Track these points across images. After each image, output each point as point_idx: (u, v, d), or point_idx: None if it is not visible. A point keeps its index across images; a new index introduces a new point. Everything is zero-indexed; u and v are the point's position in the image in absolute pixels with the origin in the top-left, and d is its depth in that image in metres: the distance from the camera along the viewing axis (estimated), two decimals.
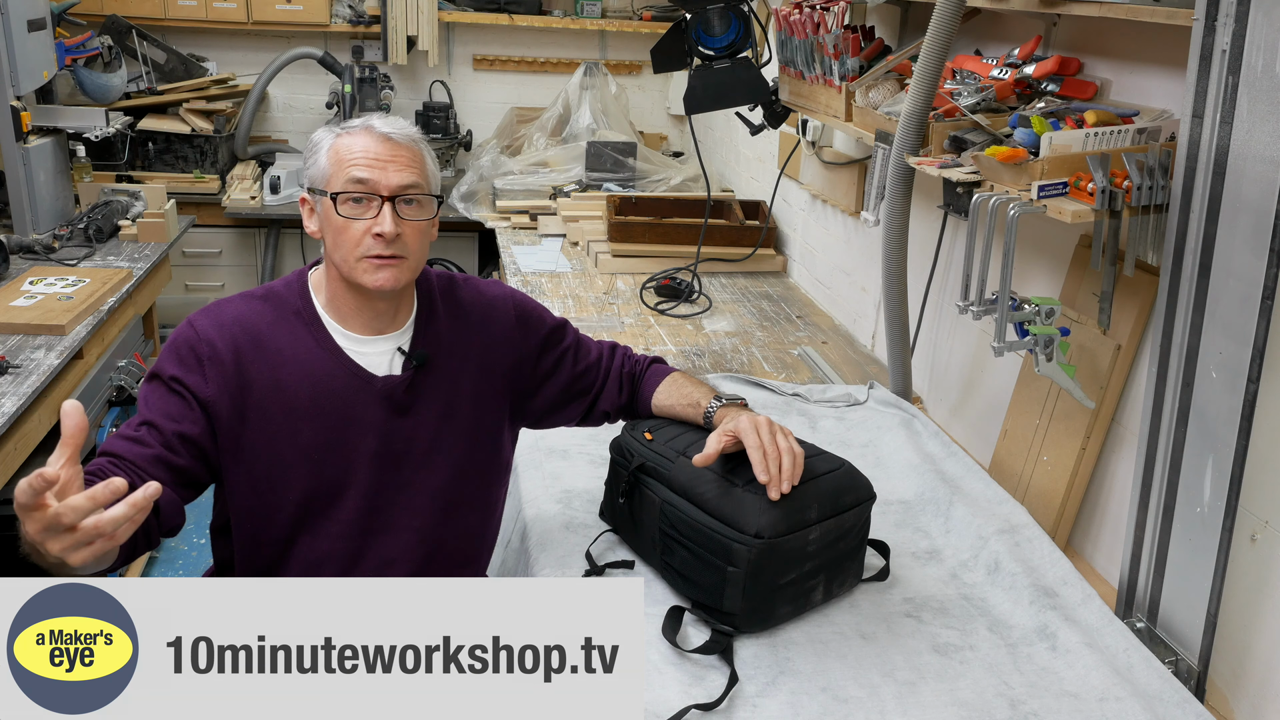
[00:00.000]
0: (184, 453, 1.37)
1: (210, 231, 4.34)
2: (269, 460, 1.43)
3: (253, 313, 1.46)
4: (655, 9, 4.85)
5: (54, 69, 3.37)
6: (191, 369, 1.40)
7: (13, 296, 2.71)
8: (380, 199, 1.39)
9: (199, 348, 1.41)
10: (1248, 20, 1.40)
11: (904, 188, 2.13)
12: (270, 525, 1.46)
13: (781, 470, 1.39)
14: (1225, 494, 1.50)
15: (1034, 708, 1.35)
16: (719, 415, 1.54)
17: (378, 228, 1.39)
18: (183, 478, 1.38)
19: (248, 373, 1.42)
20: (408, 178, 1.41)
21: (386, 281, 1.41)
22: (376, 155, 1.40)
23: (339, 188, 1.40)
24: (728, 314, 3.08)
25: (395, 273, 1.41)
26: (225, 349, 1.41)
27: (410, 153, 1.43)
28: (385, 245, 1.39)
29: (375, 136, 1.42)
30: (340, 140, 1.43)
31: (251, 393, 1.42)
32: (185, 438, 1.38)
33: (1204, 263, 1.51)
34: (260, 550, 1.47)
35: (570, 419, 1.69)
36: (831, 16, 2.50)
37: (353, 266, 1.41)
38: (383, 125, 1.43)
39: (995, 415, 2.22)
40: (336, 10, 4.62)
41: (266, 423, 1.42)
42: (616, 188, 4.12)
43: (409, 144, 1.44)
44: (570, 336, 1.66)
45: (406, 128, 1.45)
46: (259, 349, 1.43)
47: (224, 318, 1.45)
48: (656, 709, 1.29)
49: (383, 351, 1.48)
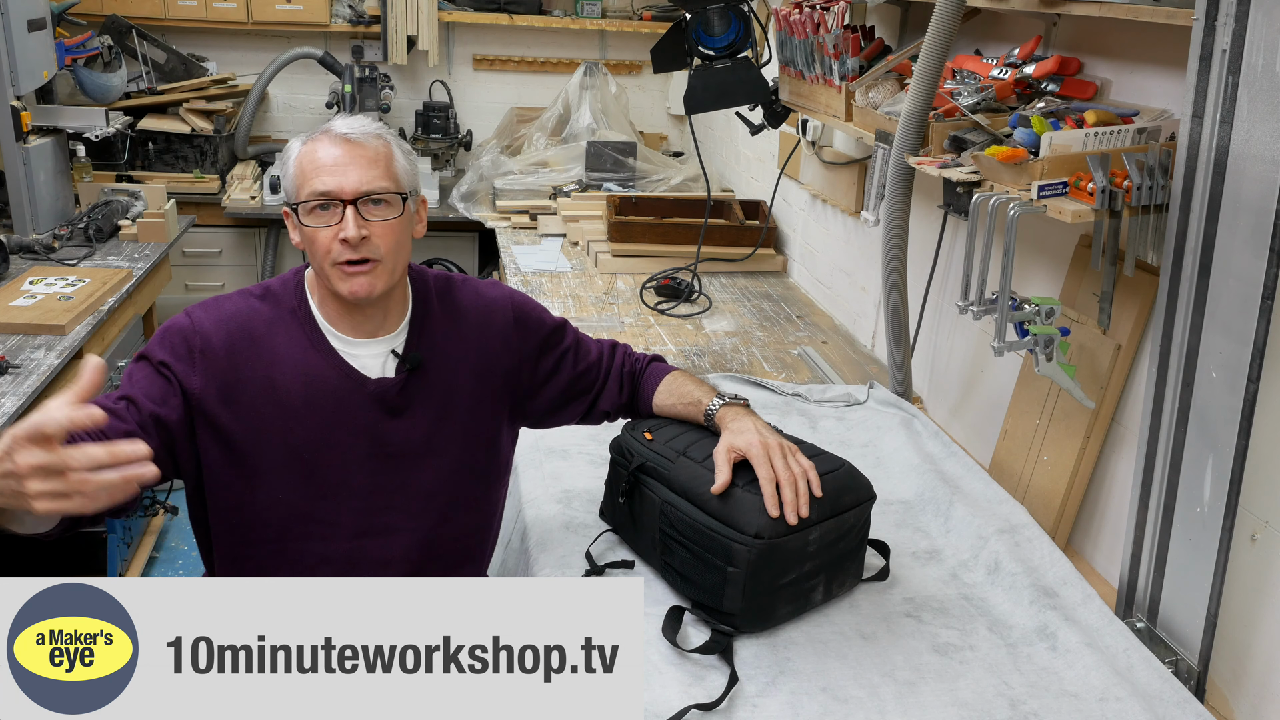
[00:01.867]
0: (155, 436, 1.36)
1: (210, 231, 4.34)
2: (259, 456, 1.42)
3: (250, 310, 1.46)
4: (655, 9, 4.85)
5: (54, 69, 3.37)
6: (182, 358, 1.40)
7: (13, 296, 2.71)
8: (342, 204, 1.38)
9: (192, 339, 1.41)
10: (1248, 20, 1.40)
11: (904, 188, 2.13)
12: (260, 526, 1.45)
13: (798, 494, 1.40)
14: (1225, 494, 1.50)
15: (1034, 708, 1.35)
16: (720, 415, 1.54)
17: (342, 233, 1.37)
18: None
19: (241, 369, 1.41)
20: (368, 178, 1.38)
21: (360, 289, 1.39)
22: (335, 160, 1.38)
23: (302, 198, 1.39)
24: (728, 314, 3.08)
25: (369, 280, 1.39)
26: (220, 344, 1.41)
27: (372, 151, 1.40)
28: (352, 250, 1.38)
29: (334, 139, 1.40)
30: (304, 149, 1.41)
31: (243, 389, 1.41)
32: (160, 421, 1.37)
33: (1204, 263, 1.51)
34: (253, 551, 1.47)
35: (570, 419, 1.69)
36: (831, 16, 2.50)
37: (328, 275, 1.41)
38: (343, 126, 1.42)
39: (995, 415, 2.22)
40: (336, 10, 4.62)
41: (257, 419, 1.42)
42: (616, 188, 4.12)
43: (370, 141, 1.41)
44: (570, 337, 1.66)
45: (367, 125, 1.43)
46: (254, 347, 1.43)
47: (222, 313, 1.45)
48: (656, 709, 1.29)
49: (376, 354, 1.48)
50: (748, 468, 1.44)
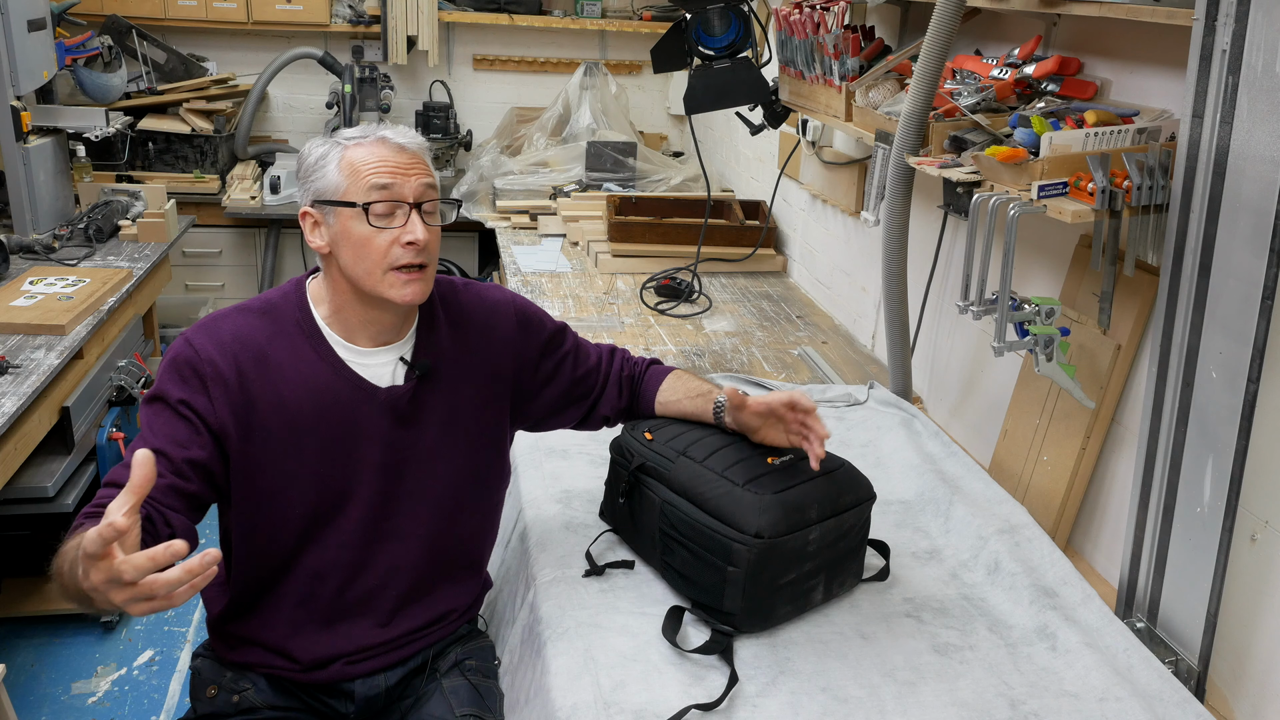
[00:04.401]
0: (194, 478, 1.34)
1: (210, 231, 4.34)
2: (274, 476, 1.41)
3: (251, 328, 1.42)
4: (655, 9, 4.85)
5: (54, 69, 3.37)
6: (196, 390, 1.36)
7: (13, 296, 2.71)
8: (409, 206, 1.38)
9: (201, 368, 1.37)
10: (1248, 20, 1.40)
11: (904, 188, 2.13)
12: (276, 538, 1.44)
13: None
14: (1225, 494, 1.50)
15: (1034, 708, 1.35)
16: (731, 393, 1.56)
17: (408, 236, 1.36)
18: (194, 502, 1.35)
19: (251, 391, 1.39)
20: (428, 184, 1.40)
21: (416, 295, 1.39)
22: (396, 164, 1.38)
23: (364, 197, 1.37)
24: (728, 314, 3.08)
25: (423, 285, 1.40)
26: (228, 368, 1.38)
27: (424, 161, 1.42)
28: (416, 254, 1.37)
29: (390, 146, 1.40)
30: (351, 152, 1.39)
31: (256, 411, 1.39)
32: (194, 463, 1.35)
33: (1204, 263, 1.51)
34: (265, 561, 1.46)
35: (568, 423, 1.69)
36: (831, 16, 2.50)
37: (379, 280, 1.38)
38: (394, 135, 1.41)
39: (995, 415, 2.22)
40: (336, 10, 4.62)
41: (270, 440, 1.40)
42: (616, 188, 4.12)
43: (423, 152, 1.43)
44: (570, 341, 1.66)
45: (416, 136, 1.44)
46: (261, 366, 1.40)
47: (223, 335, 1.41)
48: (656, 709, 1.29)
49: (385, 363, 1.47)
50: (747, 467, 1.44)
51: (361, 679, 1.50)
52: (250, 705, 1.49)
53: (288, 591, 1.47)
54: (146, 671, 2.62)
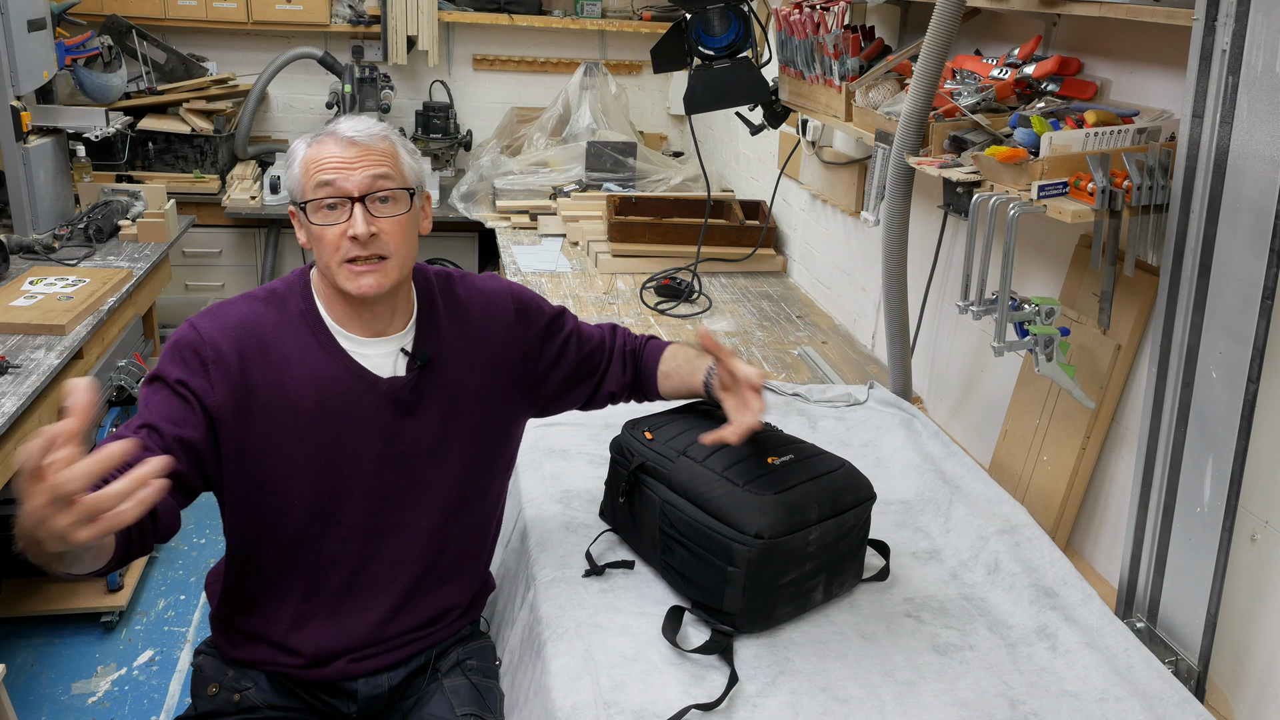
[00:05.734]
0: (183, 458, 1.34)
1: (210, 231, 4.34)
2: (274, 465, 1.42)
3: (256, 315, 1.44)
4: (655, 9, 4.85)
5: (54, 69, 3.37)
6: (196, 372, 1.38)
7: (13, 296, 2.71)
8: (350, 200, 1.38)
9: (203, 350, 1.39)
10: (1248, 20, 1.40)
11: (904, 188, 2.13)
12: (276, 528, 1.45)
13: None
14: (1225, 494, 1.50)
15: (1034, 708, 1.35)
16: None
17: (351, 230, 1.37)
18: (180, 483, 1.35)
19: (252, 377, 1.40)
20: (376, 174, 1.39)
21: (369, 288, 1.39)
22: (342, 159, 1.39)
23: (309, 196, 1.39)
24: (728, 314, 3.08)
25: (378, 277, 1.39)
26: (230, 352, 1.39)
27: (378, 151, 1.41)
28: (361, 246, 1.38)
29: (341, 141, 1.40)
30: (310, 150, 1.42)
31: (256, 397, 1.40)
32: (185, 442, 1.35)
33: (1204, 263, 1.51)
34: (267, 552, 1.47)
35: (576, 402, 1.69)
36: (831, 16, 2.50)
37: (336, 273, 1.40)
38: (348, 128, 1.42)
39: (995, 415, 2.22)
40: (336, 10, 4.62)
41: (271, 427, 1.40)
42: (616, 188, 4.12)
43: (376, 142, 1.42)
44: (570, 323, 1.67)
45: (373, 126, 1.44)
46: (263, 353, 1.41)
47: (228, 320, 1.42)
48: (656, 709, 1.29)
49: (386, 353, 1.48)
50: (747, 467, 1.44)
51: (364, 678, 1.50)
52: (251, 704, 1.49)
53: (291, 585, 1.47)
54: (146, 671, 2.63)
